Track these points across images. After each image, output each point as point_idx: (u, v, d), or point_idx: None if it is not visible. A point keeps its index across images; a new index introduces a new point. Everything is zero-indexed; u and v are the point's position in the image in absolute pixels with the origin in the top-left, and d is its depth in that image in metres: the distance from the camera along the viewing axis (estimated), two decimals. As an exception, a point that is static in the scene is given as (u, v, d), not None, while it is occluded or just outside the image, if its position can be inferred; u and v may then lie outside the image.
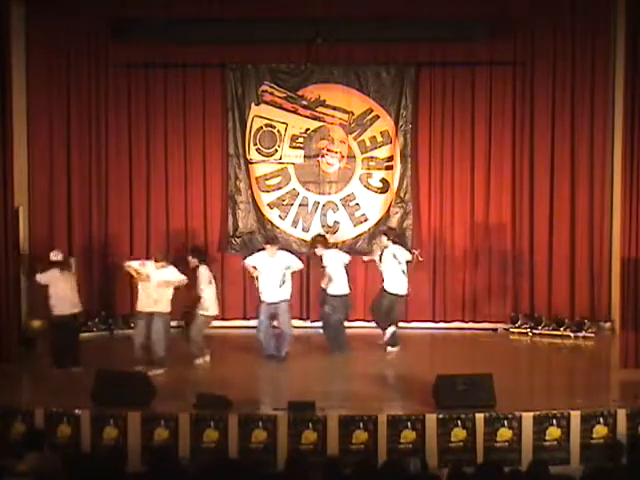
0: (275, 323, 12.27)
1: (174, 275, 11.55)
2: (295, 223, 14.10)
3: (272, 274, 12.09)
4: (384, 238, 12.54)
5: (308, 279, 13.86)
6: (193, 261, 12.01)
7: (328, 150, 14.04)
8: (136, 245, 14.02)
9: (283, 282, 12.11)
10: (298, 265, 12.34)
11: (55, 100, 13.77)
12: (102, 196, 14.00)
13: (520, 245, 13.95)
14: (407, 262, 12.42)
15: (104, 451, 9.23)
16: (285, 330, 12.16)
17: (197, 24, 13.55)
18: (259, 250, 12.54)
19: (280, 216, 14.11)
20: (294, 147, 14.04)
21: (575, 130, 13.73)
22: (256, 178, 14.08)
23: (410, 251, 12.78)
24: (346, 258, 12.62)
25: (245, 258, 12.54)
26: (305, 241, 13.93)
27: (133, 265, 11.68)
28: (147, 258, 12.24)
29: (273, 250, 12.20)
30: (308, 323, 13.85)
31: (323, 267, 12.48)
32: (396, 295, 12.36)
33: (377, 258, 12.59)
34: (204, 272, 11.90)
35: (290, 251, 12.76)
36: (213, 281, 11.98)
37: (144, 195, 14.09)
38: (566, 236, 13.82)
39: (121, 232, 14.00)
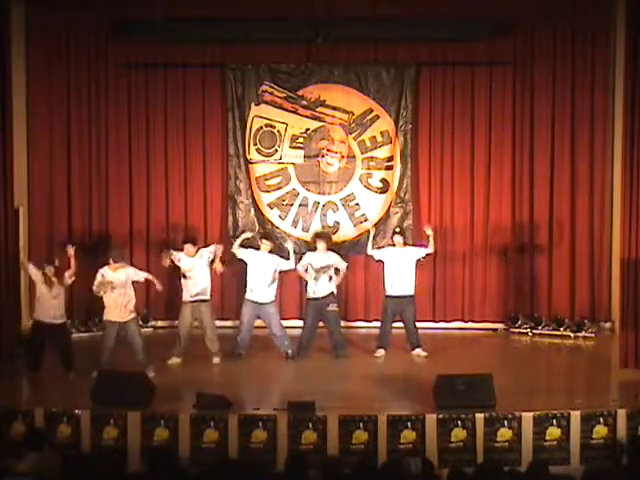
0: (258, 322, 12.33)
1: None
2: (295, 223, 14.10)
3: (263, 271, 12.08)
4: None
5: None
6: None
7: (328, 150, 14.04)
8: (136, 245, 14.03)
9: (272, 281, 12.11)
10: (288, 264, 12.24)
11: (55, 100, 13.79)
12: (102, 196, 14.01)
13: (520, 245, 13.95)
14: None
15: (104, 451, 9.23)
16: (277, 333, 12.16)
17: (197, 24, 13.56)
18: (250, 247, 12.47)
19: (280, 216, 14.11)
20: (294, 147, 14.04)
21: (575, 130, 13.74)
22: (256, 178, 14.08)
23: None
24: (319, 260, 12.31)
25: (233, 244, 12.41)
26: (305, 241, 13.95)
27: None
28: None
29: (268, 247, 12.21)
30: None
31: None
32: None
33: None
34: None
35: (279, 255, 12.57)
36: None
37: (144, 195, 14.10)
38: (566, 236, 13.83)
39: (121, 232, 14.00)
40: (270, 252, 12.29)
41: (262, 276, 12.09)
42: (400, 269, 12.25)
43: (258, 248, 12.34)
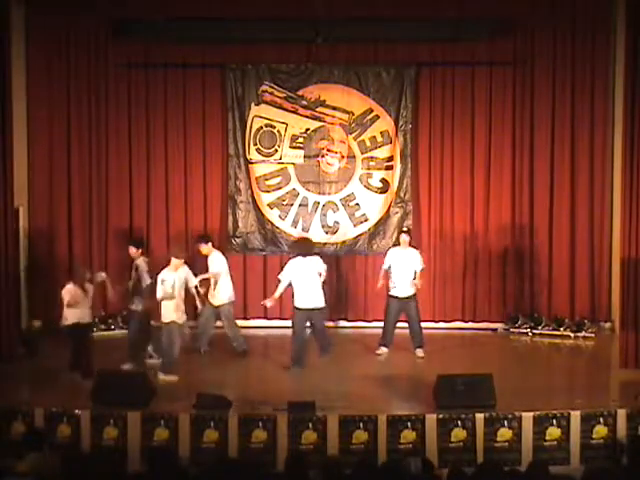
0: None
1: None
2: (295, 223, 14.10)
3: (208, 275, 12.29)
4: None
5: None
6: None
7: (328, 150, 14.04)
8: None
9: (215, 283, 12.17)
10: (214, 271, 12.23)
11: (55, 100, 13.78)
12: (102, 196, 14.00)
13: (520, 245, 13.95)
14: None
15: (104, 451, 9.24)
16: (228, 332, 12.25)
17: (197, 24, 13.56)
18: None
19: (280, 216, 14.11)
20: (294, 147, 14.04)
21: (575, 130, 13.74)
22: (256, 178, 14.08)
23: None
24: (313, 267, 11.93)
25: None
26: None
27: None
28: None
29: (208, 249, 12.31)
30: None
31: None
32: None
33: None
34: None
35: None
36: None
37: (144, 195, 14.09)
38: (566, 236, 13.83)
39: (121, 232, 14.00)
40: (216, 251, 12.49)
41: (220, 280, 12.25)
42: (403, 270, 12.25)
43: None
